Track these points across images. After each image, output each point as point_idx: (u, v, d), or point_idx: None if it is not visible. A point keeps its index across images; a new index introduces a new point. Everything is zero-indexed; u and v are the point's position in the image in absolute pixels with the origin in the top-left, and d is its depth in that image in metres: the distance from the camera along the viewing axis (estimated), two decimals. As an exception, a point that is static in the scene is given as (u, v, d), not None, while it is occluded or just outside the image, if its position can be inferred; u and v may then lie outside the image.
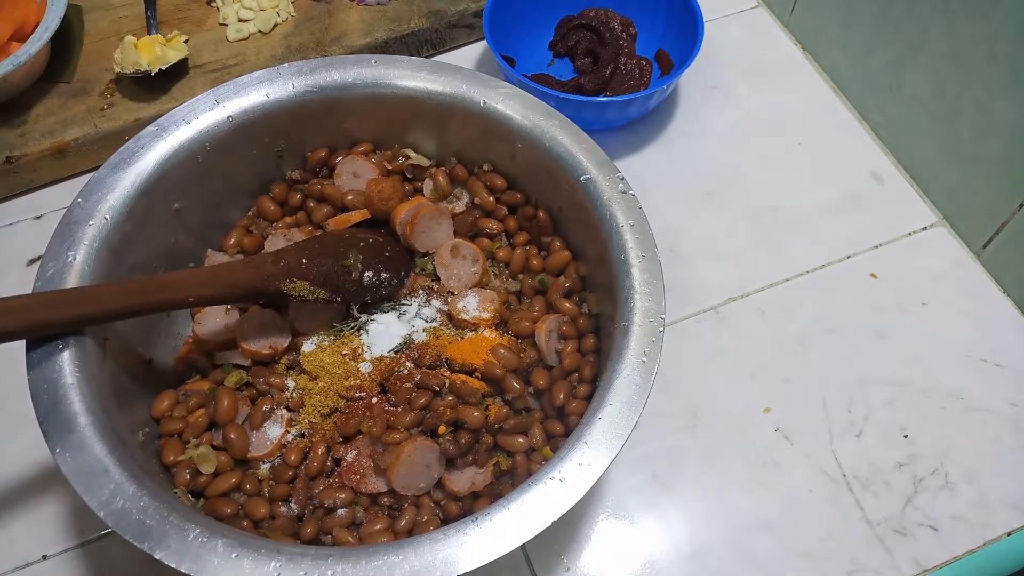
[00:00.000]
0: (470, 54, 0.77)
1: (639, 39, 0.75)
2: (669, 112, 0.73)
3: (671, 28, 0.73)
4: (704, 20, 0.70)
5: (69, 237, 0.46)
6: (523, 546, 0.52)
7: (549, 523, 0.39)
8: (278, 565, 0.37)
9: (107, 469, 0.40)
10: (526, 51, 0.75)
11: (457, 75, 0.54)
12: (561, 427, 0.49)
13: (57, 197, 0.67)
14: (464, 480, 0.47)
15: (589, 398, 0.48)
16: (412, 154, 0.58)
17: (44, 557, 0.52)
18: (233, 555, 0.38)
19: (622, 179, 0.50)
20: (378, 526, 0.46)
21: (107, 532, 0.52)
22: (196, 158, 0.51)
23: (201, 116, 0.51)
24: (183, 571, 0.37)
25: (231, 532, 0.39)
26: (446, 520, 0.47)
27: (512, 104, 0.53)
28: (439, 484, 0.48)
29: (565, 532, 0.53)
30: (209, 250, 0.55)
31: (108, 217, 0.47)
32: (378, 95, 0.54)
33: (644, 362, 0.44)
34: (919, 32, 0.64)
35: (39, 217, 0.67)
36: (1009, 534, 0.53)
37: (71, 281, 0.45)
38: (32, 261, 0.64)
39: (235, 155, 0.54)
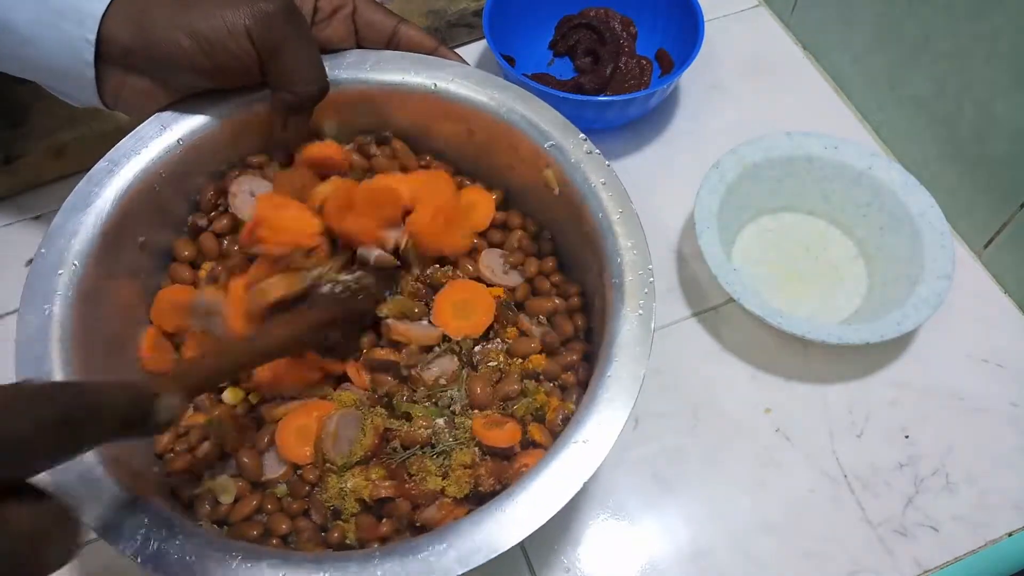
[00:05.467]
0: (470, 53, 0.77)
1: (639, 38, 0.75)
2: (669, 112, 0.73)
3: (671, 27, 0.73)
4: (704, 19, 0.69)
5: (42, 289, 0.45)
6: (523, 546, 0.52)
7: (580, 486, 0.39)
8: None
9: (133, 514, 0.39)
10: (526, 50, 0.75)
11: (404, 62, 0.54)
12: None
13: (56, 197, 0.67)
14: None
15: (583, 311, 0.51)
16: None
17: (43, 558, 0.52)
18: (281, 574, 0.37)
19: (586, 140, 0.50)
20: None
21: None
22: (153, 187, 0.50)
23: (151, 144, 0.50)
24: None
25: (272, 552, 0.38)
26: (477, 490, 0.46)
27: (465, 82, 0.53)
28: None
29: (565, 532, 0.53)
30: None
31: (76, 263, 0.46)
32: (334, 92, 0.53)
33: (641, 314, 0.44)
34: (920, 32, 0.64)
35: (38, 217, 0.66)
36: (1010, 535, 0.53)
37: (55, 334, 0.44)
38: (30, 262, 0.64)
39: (191, 179, 0.52)
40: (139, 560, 0.38)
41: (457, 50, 0.76)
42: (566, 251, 0.55)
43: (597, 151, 0.50)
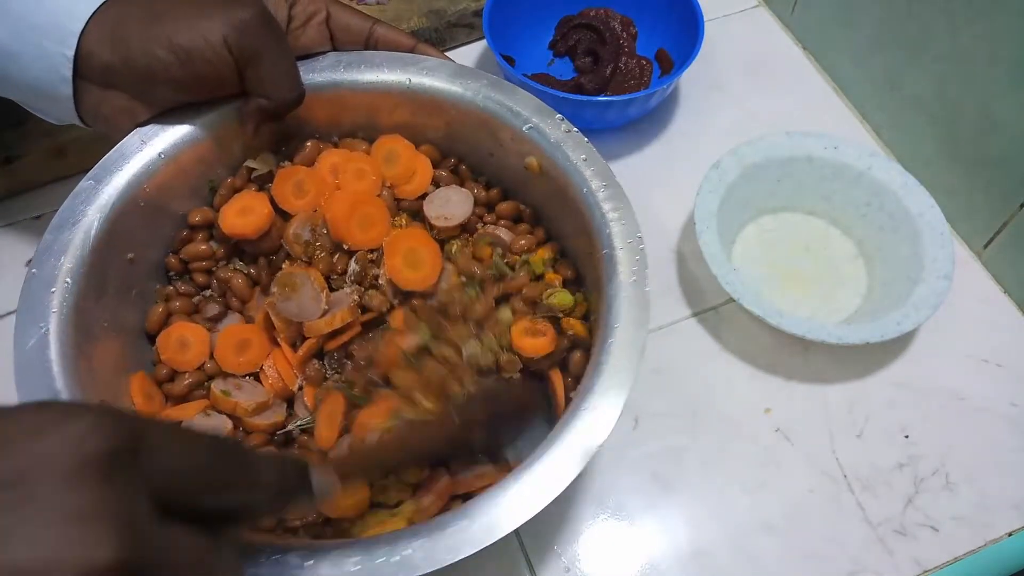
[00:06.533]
0: (470, 54, 0.77)
1: (639, 38, 0.75)
2: (669, 112, 0.73)
3: (671, 27, 0.73)
4: (705, 19, 0.69)
5: (37, 307, 0.45)
6: (522, 545, 0.52)
7: (595, 449, 0.39)
8: (356, 560, 0.37)
9: None
10: (526, 51, 0.75)
11: (377, 61, 0.54)
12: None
13: (56, 197, 0.67)
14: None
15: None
16: (253, 163, 0.54)
17: (43, 558, 0.52)
18: (308, 563, 0.37)
19: (563, 120, 0.51)
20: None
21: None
22: (138, 203, 0.50)
23: (132, 159, 0.50)
24: None
25: (298, 544, 0.38)
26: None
27: (438, 75, 0.53)
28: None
29: (564, 532, 0.53)
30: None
31: (69, 280, 0.46)
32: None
33: (635, 280, 0.45)
34: (920, 32, 0.64)
35: (38, 217, 0.66)
36: (1010, 534, 0.53)
37: (54, 350, 0.44)
38: (30, 262, 0.64)
39: (174, 192, 0.52)
40: None
41: (457, 50, 0.77)
42: (554, 226, 0.55)
43: (575, 129, 0.50)
